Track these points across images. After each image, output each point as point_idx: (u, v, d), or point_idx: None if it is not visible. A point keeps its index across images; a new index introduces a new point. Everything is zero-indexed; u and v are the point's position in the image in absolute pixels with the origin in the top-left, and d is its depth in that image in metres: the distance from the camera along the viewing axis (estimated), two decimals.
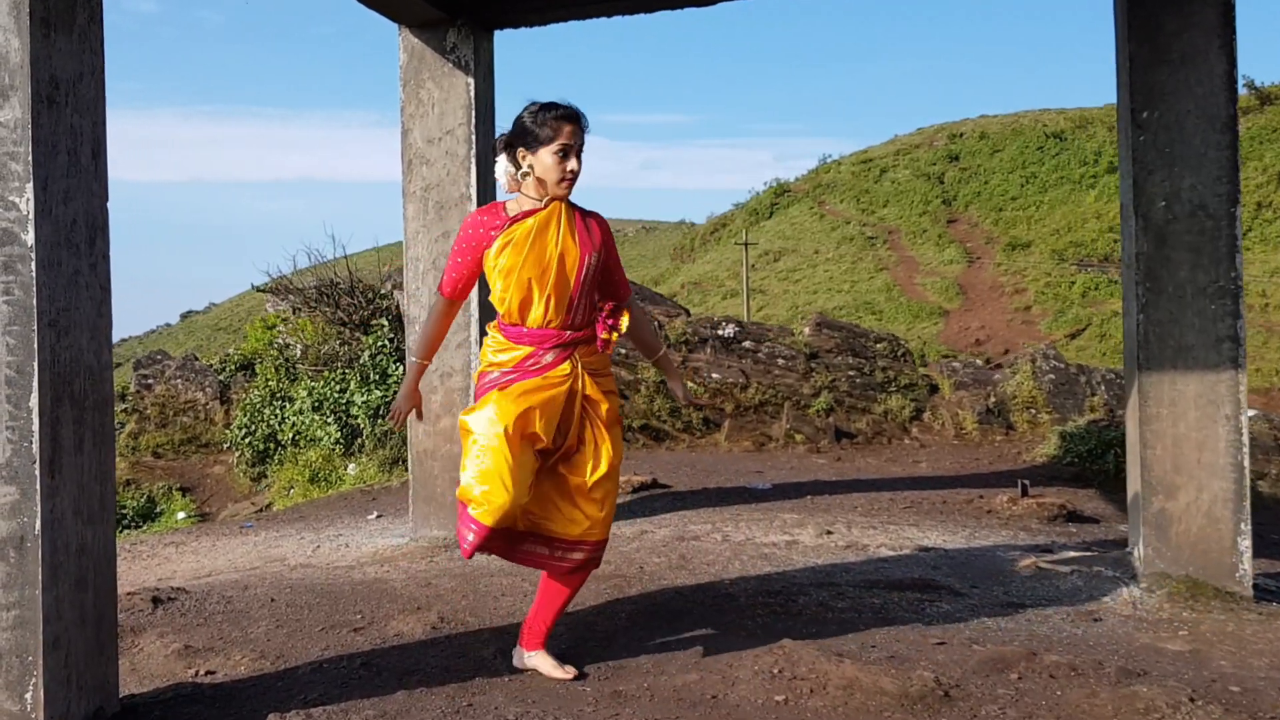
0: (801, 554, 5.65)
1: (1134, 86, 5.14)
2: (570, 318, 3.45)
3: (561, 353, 3.45)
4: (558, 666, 3.70)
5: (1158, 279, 5.10)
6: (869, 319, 37.96)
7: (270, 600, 4.81)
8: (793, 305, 41.39)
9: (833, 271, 45.59)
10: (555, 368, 3.43)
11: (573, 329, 3.47)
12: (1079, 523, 7.09)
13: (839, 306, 39.91)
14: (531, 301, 3.42)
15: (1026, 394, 12.36)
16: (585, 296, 3.48)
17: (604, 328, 3.50)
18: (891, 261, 45.90)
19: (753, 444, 10.55)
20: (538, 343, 3.44)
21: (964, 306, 39.09)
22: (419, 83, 6.02)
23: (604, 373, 3.59)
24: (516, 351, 3.46)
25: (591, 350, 3.52)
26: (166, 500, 10.23)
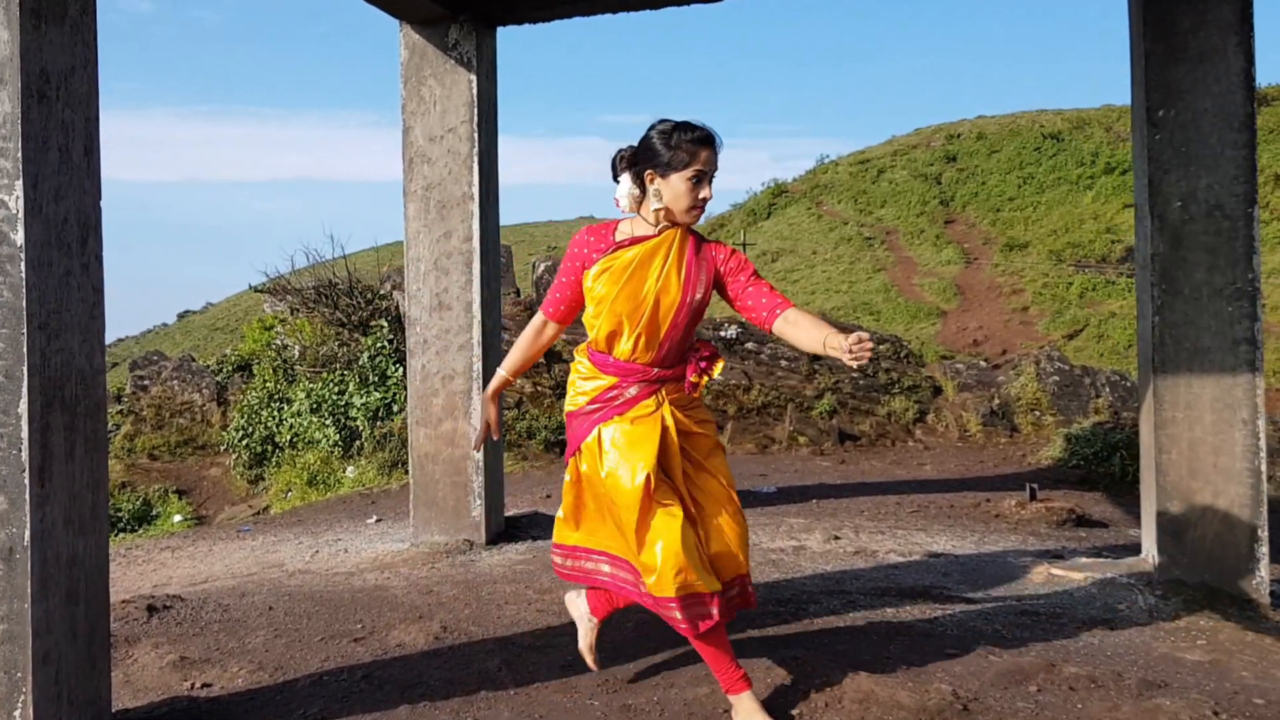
0: (810, 560, 5.55)
1: (1149, 84, 5.05)
2: (660, 355, 3.23)
3: (646, 388, 3.24)
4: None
5: (1174, 280, 5.00)
6: (867, 319, 37.86)
7: (268, 608, 4.71)
8: None
9: (830, 272, 45.54)
10: (638, 403, 3.23)
11: (661, 366, 3.25)
12: (1088, 527, 7.00)
13: (837, 307, 39.84)
14: (621, 334, 3.21)
15: (1030, 396, 12.27)
16: (679, 336, 3.24)
17: (694, 370, 3.28)
18: (889, 262, 45.81)
19: (756, 446, 10.45)
20: (622, 375, 3.24)
21: (962, 307, 39.00)
22: (420, 80, 5.91)
23: (693, 407, 3.34)
24: (600, 381, 3.28)
25: (679, 388, 3.29)
26: (162, 503, 10.11)
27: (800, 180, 58.86)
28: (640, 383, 3.23)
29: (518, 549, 5.82)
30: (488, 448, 5.90)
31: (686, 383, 3.28)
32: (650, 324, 3.18)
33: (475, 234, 5.80)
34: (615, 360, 3.25)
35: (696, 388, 3.30)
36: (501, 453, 6.18)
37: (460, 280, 5.83)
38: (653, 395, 3.24)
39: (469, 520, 5.88)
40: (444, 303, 5.87)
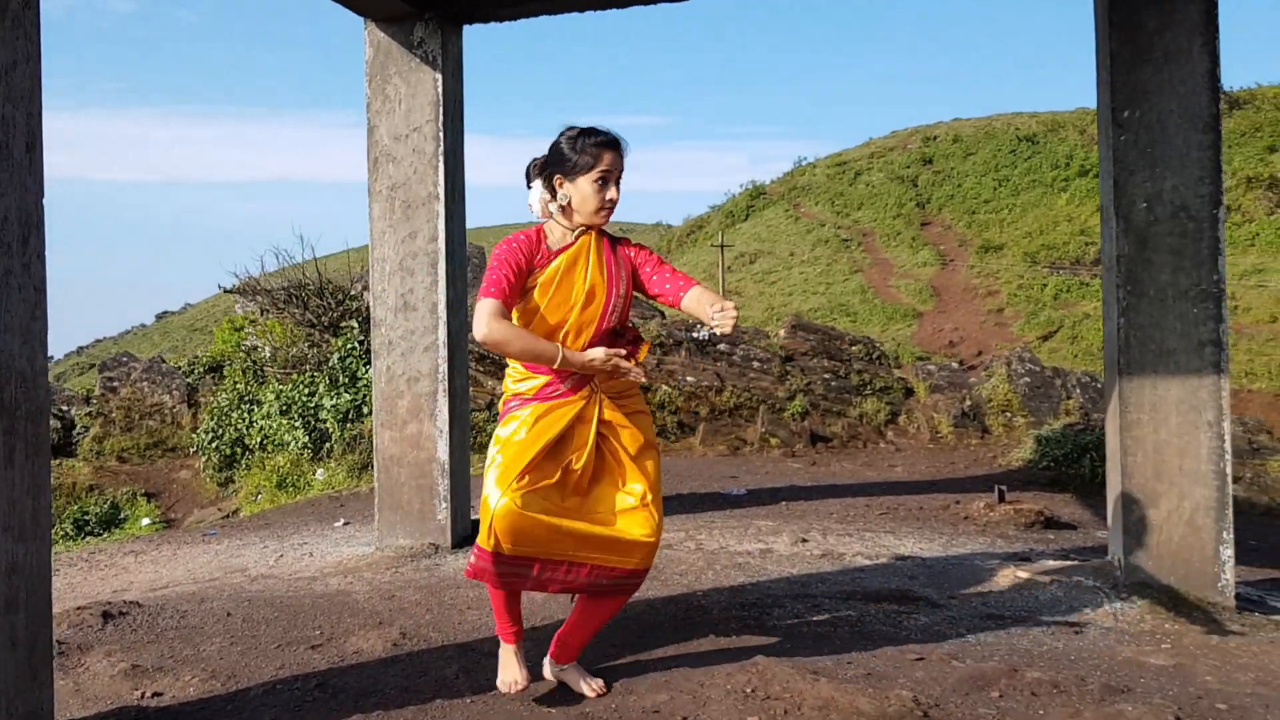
0: (776, 563, 5.51)
1: (1115, 85, 5.04)
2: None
3: (580, 380, 3.36)
4: (587, 682, 3.55)
5: (1139, 282, 4.99)
6: (844, 321, 37.94)
7: (226, 615, 4.64)
8: (769, 307, 41.39)
9: (808, 274, 45.65)
10: (575, 393, 3.36)
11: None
12: (1056, 529, 6.99)
13: (814, 309, 39.93)
14: (554, 337, 3.32)
15: (1002, 397, 12.29)
16: (607, 331, 3.39)
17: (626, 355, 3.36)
18: (866, 264, 45.97)
19: (728, 448, 10.41)
20: (556, 373, 3.34)
21: (937, 308, 39.17)
22: (385, 78, 5.85)
23: (628, 394, 3.49)
24: (535, 380, 3.39)
25: (612, 375, 3.36)
26: (131, 506, 9.98)
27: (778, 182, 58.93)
28: (573, 376, 3.34)
29: None
30: (454, 451, 5.84)
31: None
32: (578, 325, 3.33)
33: (441, 234, 5.74)
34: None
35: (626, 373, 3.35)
36: (467, 456, 6.12)
37: (426, 281, 5.77)
38: (587, 386, 3.36)
39: (434, 524, 5.82)
40: (409, 304, 5.81)
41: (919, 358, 29.49)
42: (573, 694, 3.54)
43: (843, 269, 44.21)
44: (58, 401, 11.76)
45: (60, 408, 11.60)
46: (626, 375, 3.34)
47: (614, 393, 3.43)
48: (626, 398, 3.48)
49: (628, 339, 3.44)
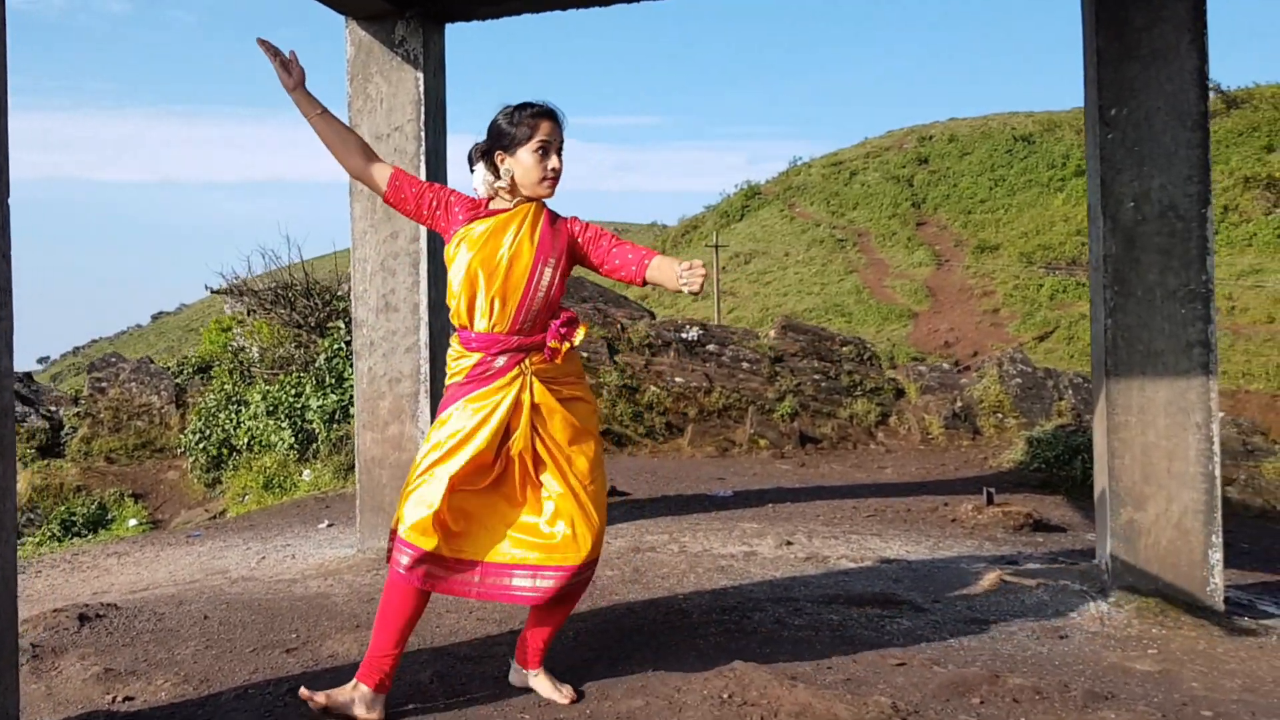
0: (760, 566, 5.47)
1: (1102, 83, 5.00)
2: (518, 324, 3.26)
3: (511, 358, 3.27)
4: (556, 688, 3.50)
5: (1126, 282, 4.95)
6: (839, 321, 37.90)
7: (203, 617, 4.58)
8: (763, 307, 41.36)
9: (803, 274, 45.55)
10: (504, 374, 3.27)
11: (522, 334, 3.27)
12: (1045, 531, 6.95)
13: (809, 309, 39.87)
14: (476, 304, 3.27)
15: (993, 398, 12.26)
16: (538, 303, 3.27)
17: (554, 335, 3.28)
18: (861, 264, 45.92)
19: (716, 449, 10.37)
20: (485, 348, 3.27)
21: (933, 309, 39.11)
22: (366, 77, 5.79)
23: (564, 379, 3.35)
24: (469, 359, 3.31)
25: (542, 358, 3.29)
26: (118, 507, 9.92)
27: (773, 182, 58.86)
28: (503, 353, 3.26)
29: None
30: None
31: (547, 349, 3.28)
32: (503, 291, 3.23)
33: (422, 234, 5.69)
34: (477, 334, 3.29)
35: (557, 354, 3.28)
36: None
37: (407, 281, 5.72)
38: (517, 365, 3.27)
39: None
40: (391, 304, 5.76)
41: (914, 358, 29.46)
42: (545, 700, 3.49)
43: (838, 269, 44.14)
44: (46, 402, 11.71)
45: (49, 408, 11.55)
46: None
47: (547, 376, 3.30)
48: (562, 382, 3.34)
49: (562, 319, 3.30)
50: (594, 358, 10.94)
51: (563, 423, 3.29)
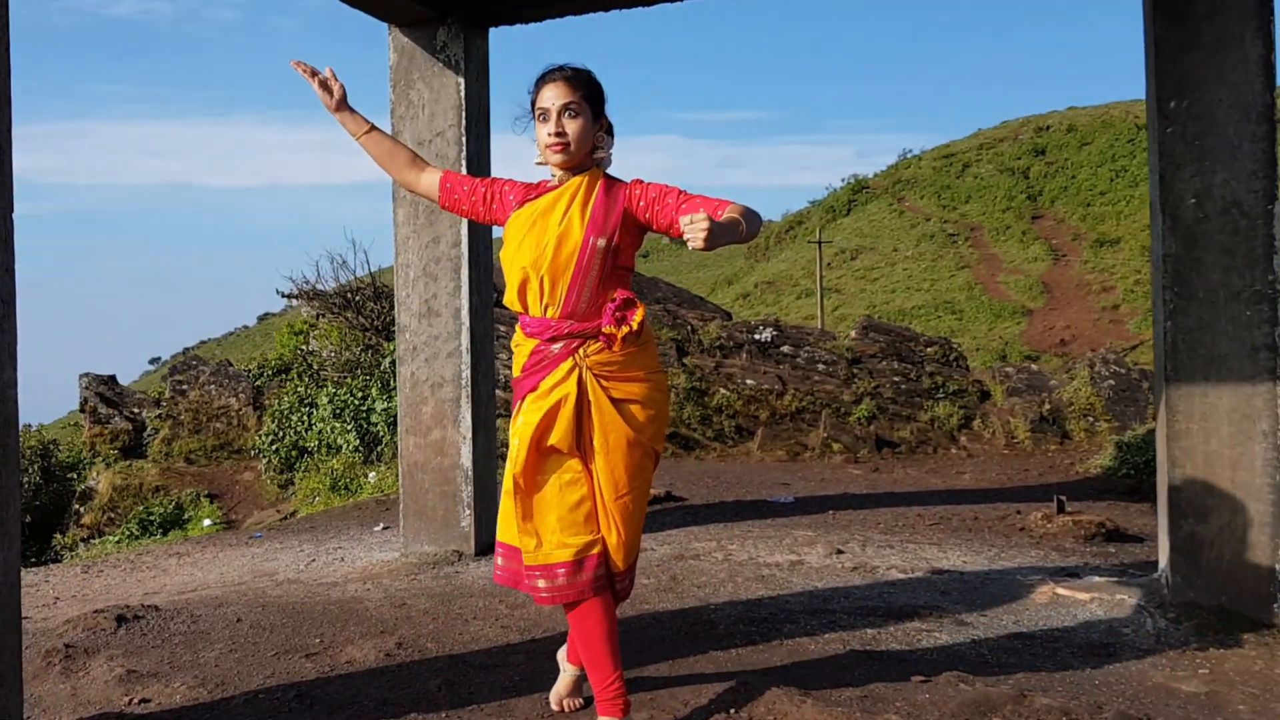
0: (803, 576, 5.32)
1: (1160, 74, 4.75)
2: (571, 307, 3.05)
3: (566, 345, 3.06)
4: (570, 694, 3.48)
5: (1187, 283, 4.70)
6: (949, 319, 37.21)
7: (236, 620, 4.62)
8: (870, 304, 40.75)
9: (911, 270, 44.74)
10: (559, 364, 3.06)
11: (575, 319, 3.05)
12: (1120, 542, 6.65)
13: (918, 306, 39.18)
14: (528, 287, 3.09)
15: (1084, 401, 11.85)
16: (588, 285, 3.04)
17: (610, 320, 3.00)
18: (973, 259, 44.94)
19: (787, 454, 10.19)
20: (539, 333, 3.09)
21: (1048, 305, 38.08)
22: (409, 83, 5.80)
23: (622, 376, 3.07)
24: (525, 346, 3.14)
25: (600, 347, 3.05)
26: (194, 507, 10.16)
27: (881, 176, 57.99)
28: (556, 338, 3.07)
29: None
30: (478, 457, 5.77)
31: (602, 335, 3.03)
32: (553, 271, 3.03)
33: (464, 239, 5.68)
34: (532, 318, 3.12)
35: (614, 339, 3.01)
36: (494, 462, 6.04)
37: (449, 287, 5.71)
38: (571, 355, 3.06)
39: (458, 531, 5.76)
40: (433, 309, 5.76)
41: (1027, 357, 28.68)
42: (550, 711, 3.43)
43: (948, 265, 43.29)
44: (129, 404, 12.06)
45: (132, 410, 11.90)
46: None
47: (606, 370, 3.06)
48: (621, 378, 3.08)
49: (618, 301, 3.02)
50: (662, 360, 10.87)
51: (610, 425, 3.05)
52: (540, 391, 3.07)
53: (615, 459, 3.07)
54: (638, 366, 3.10)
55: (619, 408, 3.07)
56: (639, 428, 3.09)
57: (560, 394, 3.04)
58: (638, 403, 3.09)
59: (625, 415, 3.07)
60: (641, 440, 3.10)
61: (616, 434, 3.06)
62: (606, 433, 3.06)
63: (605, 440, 3.06)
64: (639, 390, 3.10)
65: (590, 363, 3.04)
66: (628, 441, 3.07)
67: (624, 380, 3.08)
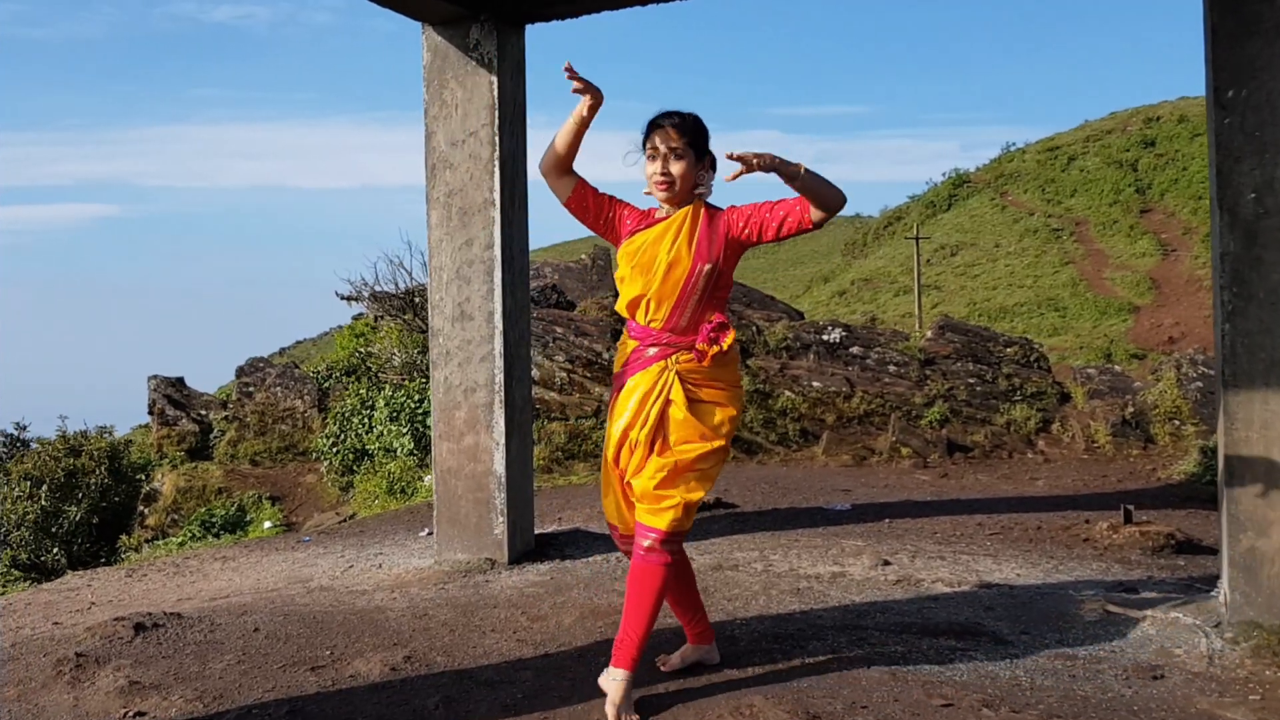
0: (842, 589, 5.11)
1: (1218, 62, 4.46)
2: (674, 322, 3.49)
3: (661, 351, 3.50)
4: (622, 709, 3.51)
5: (1246, 283, 4.40)
6: (1051, 316, 36.23)
7: (254, 630, 4.58)
8: (970, 301, 39.93)
9: (1014, 266, 43.58)
10: (654, 364, 3.50)
11: (674, 332, 3.49)
12: (1191, 554, 6.29)
13: (1020, 303, 38.20)
14: (638, 303, 3.52)
15: (1169, 403, 11.33)
16: (694, 303, 3.48)
17: (704, 338, 3.44)
18: (1078, 255, 43.62)
19: (853, 458, 9.91)
20: (641, 338, 3.54)
21: (1156, 302, 36.79)
22: (442, 83, 5.72)
23: (708, 383, 3.52)
24: (628, 346, 3.60)
25: (690, 357, 3.48)
26: (256, 509, 10.25)
27: (983, 170, 56.71)
28: (655, 345, 3.50)
29: (539, 569, 5.56)
30: (512, 464, 5.66)
31: (695, 352, 3.44)
32: (662, 292, 3.46)
33: (497, 241, 5.58)
34: (637, 325, 3.55)
35: (704, 356, 3.43)
36: (530, 469, 5.94)
37: (482, 290, 5.62)
38: (664, 359, 3.49)
39: (491, 538, 5.67)
40: (466, 313, 5.67)
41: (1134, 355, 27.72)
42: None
43: (1052, 261, 42.08)
44: (196, 406, 12.24)
45: (199, 412, 12.07)
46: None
47: (691, 377, 3.49)
48: (704, 385, 3.50)
49: (713, 324, 3.46)
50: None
51: (684, 424, 3.47)
52: (634, 381, 3.53)
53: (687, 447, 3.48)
54: (719, 377, 3.53)
55: (698, 409, 3.50)
56: (716, 427, 3.52)
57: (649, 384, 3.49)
58: (716, 405, 3.53)
59: (703, 416, 3.50)
60: (715, 440, 3.52)
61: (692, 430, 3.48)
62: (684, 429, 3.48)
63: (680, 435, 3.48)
64: (721, 395, 3.54)
65: (679, 368, 3.49)
66: (704, 436, 3.49)
67: (708, 386, 3.52)
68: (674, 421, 3.47)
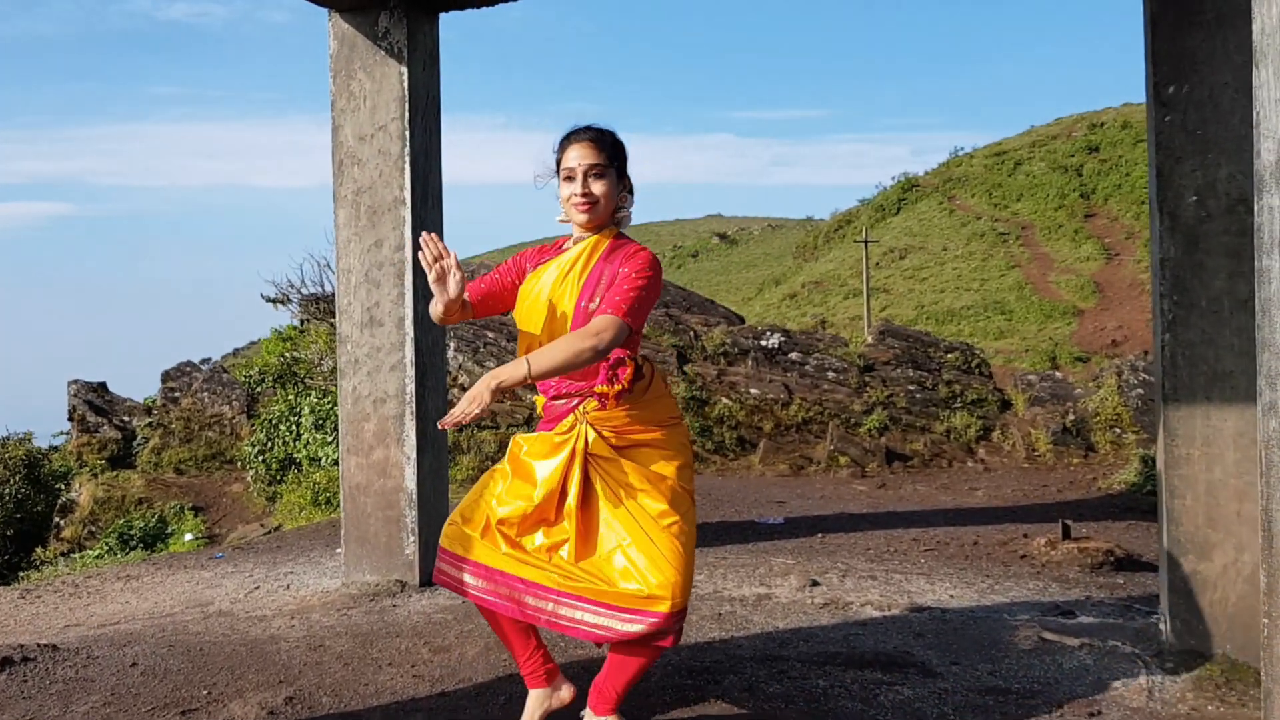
0: (765, 614, 4.84)
1: (1157, 55, 4.26)
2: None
3: (567, 403, 3.08)
4: None
5: (1188, 290, 4.19)
6: (998, 319, 36.49)
7: (131, 665, 4.24)
8: (918, 304, 40.11)
9: (961, 269, 43.91)
10: (562, 419, 3.08)
11: (573, 379, 3.06)
12: (1131, 571, 6.10)
13: (967, 306, 38.43)
14: (532, 347, 3.06)
15: (1110, 411, 11.23)
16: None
17: (603, 379, 2.99)
18: (1024, 259, 44.01)
19: (790, 468, 9.67)
20: (544, 391, 3.15)
21: (1100, 305, 37.15)
22: (350, 73, 5.39)
23: (627, 429, 3.05)
24: (540, 400, 3.20)
25: (597, 405, 3.04)
26: (178, 521, 9.82)
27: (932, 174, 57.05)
28: (558, 397, 3.10)
29: (450, 594, 5.24)
30: (424, 480, 5.35)
31: (595, 395, 3.01)
32: (548, 331, 3.07)
33: (408, 242, 5.26)
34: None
35: (607, 398, 2.99)
36: (444, 486, 5.62)
37: (392, 294, 5.30)
38: (571, 413, 3.07)
39: (401, 559, 5.34)
40: (375, 318, 5.35)
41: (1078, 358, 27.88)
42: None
43: (999, 264, 42.40)
44: (119, 412, 11.77)
45: (122, 418, 11.61)
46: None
47: (610, 424, 3.03)
48: (627, 429, 3.04)
49: (611, 360, 2.98)
50: (661, 368, 10.36)
51: (626, 467, 3.02)
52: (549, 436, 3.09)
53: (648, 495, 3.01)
54: (645, 420, 3.08)
55: (631, 454, 3.04)
56: (660, 465, 3.07)
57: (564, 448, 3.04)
58: (648, 445, 3.07)
59: (640, 458, 3.05)
60: (667, 474, 3.07)
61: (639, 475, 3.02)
62: (630, 474, 3.01)
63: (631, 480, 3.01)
64: (648, 438, 3.08)
65: (591, 418, 3.04)
66: (654, 478, 3.03)
67: (632, 430, 3.06)
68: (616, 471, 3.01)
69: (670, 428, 3.11)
